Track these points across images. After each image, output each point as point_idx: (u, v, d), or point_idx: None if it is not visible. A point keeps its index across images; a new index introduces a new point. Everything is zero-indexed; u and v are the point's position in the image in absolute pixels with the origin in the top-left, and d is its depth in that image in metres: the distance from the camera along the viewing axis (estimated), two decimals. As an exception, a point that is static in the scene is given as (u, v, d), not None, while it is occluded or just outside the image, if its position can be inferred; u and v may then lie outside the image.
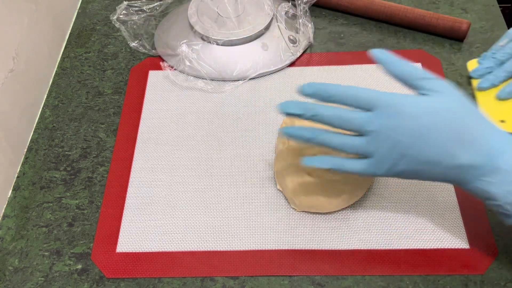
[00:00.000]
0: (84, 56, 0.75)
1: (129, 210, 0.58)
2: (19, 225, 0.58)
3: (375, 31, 0.75)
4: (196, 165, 0.62)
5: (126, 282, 0.53)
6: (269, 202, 0.58)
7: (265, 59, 0.70)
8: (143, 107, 0.68)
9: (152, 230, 0.57)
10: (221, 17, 0.70)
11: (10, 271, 0.55)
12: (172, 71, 0.70)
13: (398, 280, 0.52)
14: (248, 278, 0.53)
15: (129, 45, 0.72)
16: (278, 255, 0.54)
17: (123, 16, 0.72)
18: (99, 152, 0.64)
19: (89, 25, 0.79)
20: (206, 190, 0.59)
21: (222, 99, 0.68)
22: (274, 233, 0.56)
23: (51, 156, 0.64)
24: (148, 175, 0.61)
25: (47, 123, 0.67)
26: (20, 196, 0.61)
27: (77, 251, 0.56)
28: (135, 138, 0.64)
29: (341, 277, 0.52)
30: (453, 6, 0.77)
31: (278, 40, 0.71)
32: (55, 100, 0.70)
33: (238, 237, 0.56)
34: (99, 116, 0.67)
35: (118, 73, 0.72)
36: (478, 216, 0.56)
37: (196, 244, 0.55)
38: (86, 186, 0.61)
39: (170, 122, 0.66)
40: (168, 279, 0.53)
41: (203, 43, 0.69)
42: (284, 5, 0.73)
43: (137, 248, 0.55)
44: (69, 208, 0.59)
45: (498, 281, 0.49)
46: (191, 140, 0.64)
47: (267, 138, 0.64)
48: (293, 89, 0.68)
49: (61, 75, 0.73)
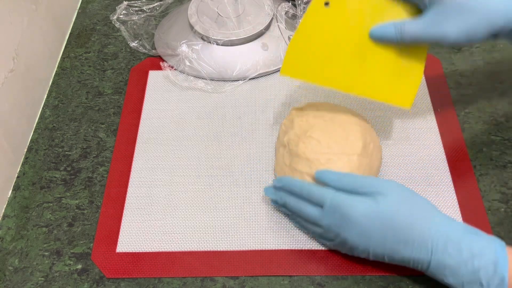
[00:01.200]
0: (84, 56, 0.75)
1: (129, 210, 0.58)
2: (19, 225, 0.58)
3: (375, 31, 0.75)
4: (196, 165, 0.62)
5: (126, 282, 0.53)
6: (269, 202, 0.58)
7: (265, 59, 0.70)
8: (143, 107, 0.68)
9: (152, 230, 0.57)
10: (221, 17, 0.70)
11: (10, 271, 0.55)
12: (172, 71, 0.70)
13: (398, 280, 0.52)
14: (248, 278, 0.53)
15: (129, 45, 0.72)
16: (278, 255, 0.54)
17: (123, 16, 0.73)
18: (99, 152, 0.64)
19: (89, 25, 0.79)
20: (206, 190, 0.59)
21: (222, 99, 0.68)
22: (274, 233, 0.56)
23: (51, 156, 0.64)
24: (148, 175, 0.61)
25: (47, 123, 0.67)
26: (20, 196, 0.61)
27: (77, 251, 0.56)
28: (135, 138, 0.64)
29: (341, 277, 0.52)
30: (453, 6, 0.77)
31: (278, 40, 0.71)
32: (55, 100, 0.70)
33: (238, 237, 0.56)
34: (99, 116, 0.67)
35: (118, 73, 0.72)
36: (478, 216, 0.56)
37: (196, 244, 0.55)
38: (86, 186, 0.61)
39: (170, 122, 0.66)
40: (168, 279, 0.53)
41: (203, 43, 0.69)
42: (284, 5, 0.73)
43: (137, 248, 0.55)
44: (69, 208, 0.59)
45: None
46: (191, 140, 0.64)
47: (267, 138, 0.64)
48: (293, 89, 0.68)
49: (61, 75, 0.73)
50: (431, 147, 0.62)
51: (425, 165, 0.60)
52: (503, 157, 0.61)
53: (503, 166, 0.60)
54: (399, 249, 0.47)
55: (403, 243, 0.47)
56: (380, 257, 0.49)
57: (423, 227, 0.47)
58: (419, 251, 0.47)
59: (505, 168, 0.60)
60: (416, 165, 0.60)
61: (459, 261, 0.45)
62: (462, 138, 0.62)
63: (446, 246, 0.46)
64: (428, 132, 0.63)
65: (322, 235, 0.52)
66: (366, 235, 0.48)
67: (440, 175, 0.59)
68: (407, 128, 0.64)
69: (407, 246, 0.47)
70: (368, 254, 0.49)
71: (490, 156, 0.61)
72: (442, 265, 0.46)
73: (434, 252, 0.46)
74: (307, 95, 0.67)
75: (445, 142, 0.62)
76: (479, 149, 0.62)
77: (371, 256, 0.50)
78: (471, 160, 0.60)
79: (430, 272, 0.47)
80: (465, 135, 0.63)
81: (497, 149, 0.62)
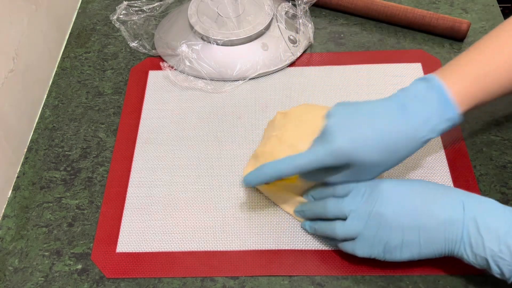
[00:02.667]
0: (84, 56, 0.75)
1: (129, 210, 0.58)
2: (19, 225, 0.58)
3: (375, 31, 0.75)
4: (196, 165, 0.62)
5: (126, 282, 0.53)
6: (269, 202, 0.58)
7: (265, 59, 0.70)
8: (143, 107, 0.68)
9: (152, 230, 0.57)
10: (221, 17, 0.70)
11: (10, 271, 0.55)
12: (172, 71, 0.70)
13: (398, 280, 0.52)
14: (248, 278, 0.53)
15: (129, 45, 0.72)
16: (278, 255, 0.54)
17: (123, 16, 0.72)
18: (99, 152, 0.64)
19: (89, 25, 0.79)
20: (206, 190, 0.59)
21: (222, 99, 0.68)
22: (274, 233, 0.56)
23: (51, 156, 0.64)
24: (148, 175, 0.61)
25: (47, 123, 0.67)
26: (20, 196, 0.61)
27: (77, 251, 0.56)
28: (135, 138, 0.64)
29: (341, 277, 0.52)
30: (453, 6, 0.77)
31: (278, 40, 0.71)
32: (55, 100, 0.70)
33: (238, 237, 0.56)
34: (99, 116, 0.67)
35: (118, 73, 0.72)
36: (478, 216, 0.56)
37: (196, 244, 0.55)
38: (86, 186, 0.61)
39: (170, 122, 0.66)
40: (168, 279, 0.53)
41: (203, 43, 0.69)
42: (284, 5, 0.73)
43: (137, 248, 0.55)
44: (69, 208, 0.59)
45: (498, 281, 0.49)
46: (191, 140, 0.64)
47: (267, 138, 0.64)
48: (293, 89, 0.68)
49: (61, 75, 0.73)
50: (431, 148, 0.62)
51: (425, 165, 0.60)
52: (503, 157, 0.61)
53: (503, 166, 0.60)
54: (432, 211, 0.46)
55: (434, 203, 0.46)
56: (414, 232, 0.47)
57: (451, 190, 0.48)
58: (451, 208, 0.46)
59: (505, 168, 0.60)
60: (416, 165, 0.60)
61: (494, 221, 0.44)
62: (462, 138, 0.62)
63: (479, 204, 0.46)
64: (428, 132, 0.63)
65: (347, 228, 0.49)
66: (399, 203, 0.47)
67: (440, 175, 0.59)
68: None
69: (438, 205, 0.46)
70: (402, 230, 0.47)
71: (490, 156, 0.61)
72: (475, 227, 0.45)
73: (467, 207, 0.45)
74: (307, 95, 0.67)
75: (445, 143, 0.62)
76: (479, 149, 0.62)
77: (405, 234, 0.47)
78: (471, 160, 0.61)
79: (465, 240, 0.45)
80: (465, 135, 0.63)
81: (497, 149, 0.62)
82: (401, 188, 0.48)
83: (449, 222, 0.46)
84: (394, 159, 0.49)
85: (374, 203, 0.48)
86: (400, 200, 0.47)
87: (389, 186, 0.48)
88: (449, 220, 0.46)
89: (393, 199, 0.48)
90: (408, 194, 0.48)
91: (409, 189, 0.48)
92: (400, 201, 0.47)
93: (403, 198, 0.48)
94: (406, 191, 0.48)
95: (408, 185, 0.49)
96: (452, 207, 0.46)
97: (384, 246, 0.48)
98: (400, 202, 0.47)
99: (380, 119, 0.48)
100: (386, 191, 0.48)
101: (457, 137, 0.62)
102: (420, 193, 0.48)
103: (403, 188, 0.48)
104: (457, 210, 0.46)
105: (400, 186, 0.49)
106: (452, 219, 0.46)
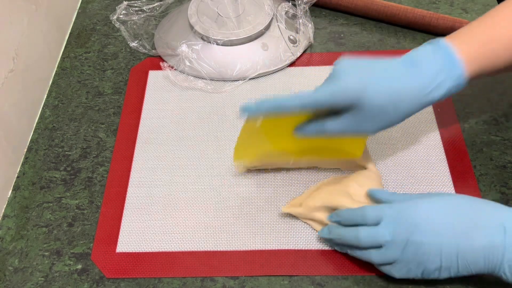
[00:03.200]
0: (84, 56, 0.75)
1: (129, 210, 0.58)
2: (19, 225, 0.58)
3: (375, 31, 0.75)
4: (196, 165, 0.62)
5: (126, 282, 0.53)
6: (269, 202, 0.58)
7: (265, 59, 0.70)
8: (143, 107, 0.68)
9: (152, 230, 0.57)
10: (221, 17, 0.70)
11: (10, 271, 0.55)
12: (172, 71, 0.70)
13: (398, 280, 0.52)
14: (248, 278, 0.53)
15: (129, 45, 0.72)
16: (278, 255, 0.54)
17: (123, 16, 0.73)
18: (99, 152, 0.64)
19: (89, 25, 0.79)
20: (206, 190, 0.59)
21: (222, 99, 0.68)
22: (274, 233, 0.56)
23: (51, 156, 0.64)
24: (148, 175, 0.61)
25: (47, 123, 0.67)
26: (20, 196, 0.61)
27: (77, 251, 0.56)
28: (135, 138, 0.64)
29: (341, 277, 0.52)
30: (453, 6, 0.77)
31: (278, 40, 0.71)
32: (55, 100, 0.70)
33: (238, 237, 0.56)
34: (99, 116, 0.67)
35: (118, 73, 0.72)
36: (478, 216, 0.56)
37: (196, 244, 0.55)
38: (86, 186, 0.61)
39: (170, 122, 0.66)
40: (168, 279, 0.53)
41: (203, 43, 0.69)
42: (284, 5, 0.73)
43: (137, 248, 0.55)
44: (69, 208, 0.59)
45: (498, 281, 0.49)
46: (191, 140, 0.64)
47: (267, 138, 0.64)
48: (293, 89, 0.68)
49: (61, 75, 0.73)
50: (431, 147, 0.62)
51: (425, 165, 0.60)
52: (503, 157, 0.61)
53: (503, 166, 0.60)
54: (472, 236, 0.45)
55: (474, 227, 0.46)
56: (453, 258, 0.46)
57: (491, 211, 0.47)
58: (491, 233, 0.45)
59: (505, 168, 0.60)
60: (416, 165, 0.60)
61: None
62: (462, 138, 0.62)
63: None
64: (428, 132, 0.63)
65: (383, 256, 0.49)
66: (436, 230, 0.46)
67: (440, 175, 0.59)
68: (407, 128, 0.64)
69: (478, 230, 0.45)
70: (440, 256, 0.46)
71: (490, 156, 0.61)
72: None
73: (509, 230, 0.45)
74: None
75: (445, 142, 0.62)
76: (479, 149, 0.62)
77: (443, 259, 0.46)
78: (471, 160, 0.60)
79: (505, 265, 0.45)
80: (465, 135, 0.63)
81: (497, 149, 0.62)
82: (437, 212, 0.47)
83: (490, 247, 0.45)
84: (399, 111, 0.49)
85: (410, 232, 0.47)
86: (436, 228, 0.47)
87: (424, 211, 0.47)
88: (490, 246, 0.45)
89: (429, 227, 0.47)
90: (444, 219, 0.47)
91: (445, 211, 0.47)
92: (437, 229, 0.47)
93: (439, 224, 0.47)
94: (442, 216, 0.47)
95: (444, 205, 0.48)
96: (492, 231, 0.45)
97: (423, 270, 0.48)
98: (436, 230, 0.47)
99: (389, 68, 0.49)
100: (421, 218, 0.47)
101: (457, 137, 0.62)
102: (457, 215, 0.47)
103: (439, 212, 0.47)
104: (498, 234, 0.45)
105: (434, 209, 0.47)
106: (493, 245, 0.45)
